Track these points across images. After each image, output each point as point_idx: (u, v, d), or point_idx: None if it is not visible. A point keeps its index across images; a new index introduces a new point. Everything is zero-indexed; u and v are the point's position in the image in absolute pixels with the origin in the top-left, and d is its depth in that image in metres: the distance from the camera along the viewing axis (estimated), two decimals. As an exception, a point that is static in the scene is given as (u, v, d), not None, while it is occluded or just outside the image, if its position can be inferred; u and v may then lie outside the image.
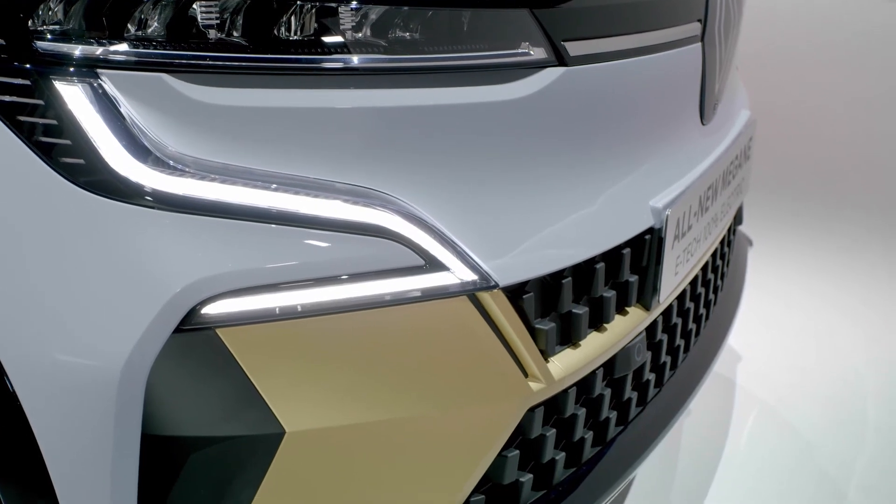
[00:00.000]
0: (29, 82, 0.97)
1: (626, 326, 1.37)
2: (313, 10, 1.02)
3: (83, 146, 0.97)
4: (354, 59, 1.04)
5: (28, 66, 0.98)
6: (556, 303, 1.24)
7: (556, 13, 1.17)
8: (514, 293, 1.16)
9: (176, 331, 0.97)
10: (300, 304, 1.01)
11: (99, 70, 0.99)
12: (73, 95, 0.98)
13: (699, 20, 1.54)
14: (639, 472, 1.85)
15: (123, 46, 0.99)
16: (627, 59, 1.32)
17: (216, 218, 0.99)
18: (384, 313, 1.05)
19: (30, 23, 0.98)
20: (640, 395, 1.54)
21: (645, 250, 1.37)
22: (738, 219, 2.10)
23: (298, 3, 1.01)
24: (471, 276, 1.09)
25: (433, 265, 1.07)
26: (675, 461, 2.14)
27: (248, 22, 1.01)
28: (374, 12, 1.04)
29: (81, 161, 0.97)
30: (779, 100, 4.38)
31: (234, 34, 1.01)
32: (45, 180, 0.97)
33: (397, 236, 1.05)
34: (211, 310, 0.98)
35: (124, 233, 0.98)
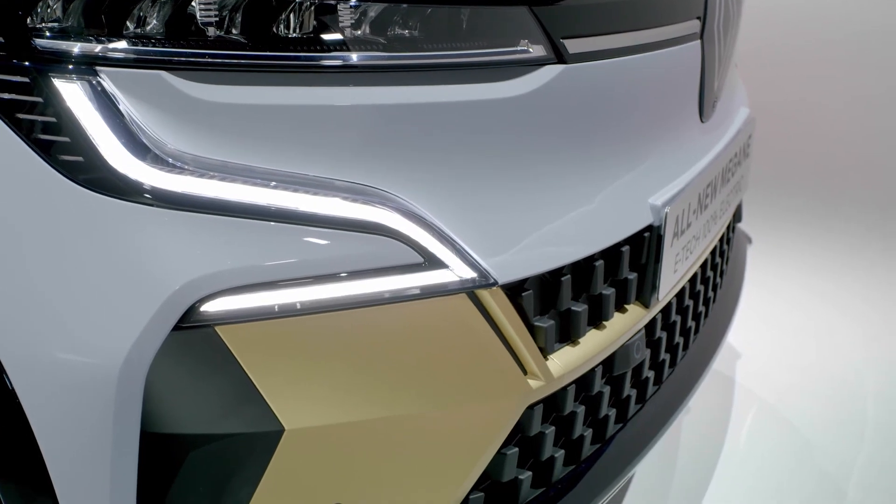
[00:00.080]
0: (28, 80, 0.97)
1: (626, 324, 1.37)
2: (312, 8, 1.02)
3: (82, 144, 0.97)
4: (353, 57, 1.04)
5: (27, 63, 0.98)
6: (555, 300, 1.24)
7: (555, 10, 1.17)
8: (514, 291, 1.16)
9: (175, 328, 0.97)
10: (299, 301, 1.01)
11: (98, 67, 0.99)
12: (72, 93, 0.98)
13: (698, 17, 1.54)
14: (638, 469, 1.85)
15: (122, 44, 0.99)
16: (627, 57, 1.32)
17: (215, 215, 0.99)
18: (383, 311, 1.05)
19: (28, 20, 0.98)
20: (640, 393, 1.54)
21: (644, 248, 1.37)
22: (737, 216, 2.09)
23: (297, 0, 1.01)
24: (470, 274, 1.09)
25: (432, 263, 1.07)
26: (675, 459, 2.14)
27: (247, 19, 1.01)
28: (373, 10, 1.04)
29: (80, 158, 0.97)
30: (778, 97, 4.38)
31: (233, 31, 1.01)
32: (43, 178, 0.97)
33: (396, 234, 1.05)
34: (210, 307, 0.98)
35: (123, 230, 0.98)
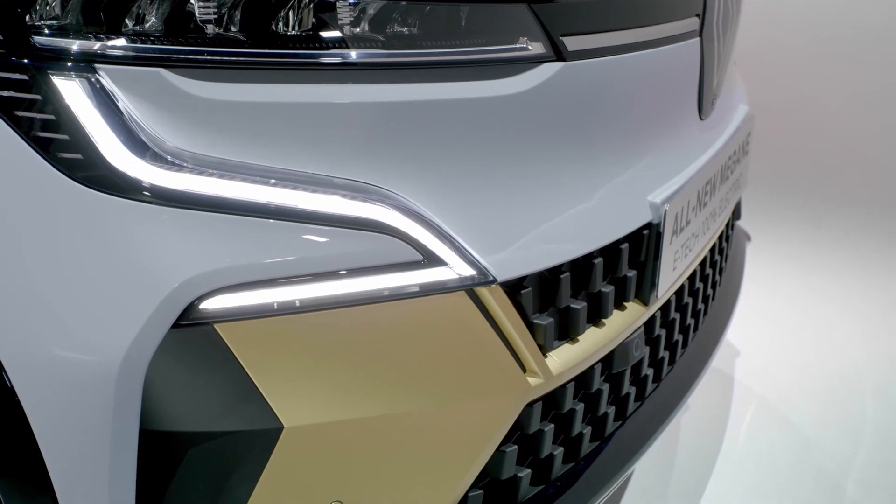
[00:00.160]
0: (26, 77, 0.97)
1: (625, 321, 1.37)
2: (311, 5, 1.02)
3: (81, 141, 0.97)
4: (352, 54, 1.04)
5: (25, 61, 0.97)
6: (554, 298, 1.24)
7: (555, 8, 1.17)
8: (513, 288, 1.16)
9: (174, 326, 0.97)
10: (298, 299, 1.01)
11: (96, 65, 0.98)
12: (71, 90, 0.97)
13: (697, 15, 1.54)
14: (637, 467, 1.85)
15: (121, 41, 0.99)
16: (626, 54, 1.32)
17: (214, 213, 0.99)
18: (382, 308, 1.05)
19: (27, 18, 0.98)
20: (639, 391, 1.54)
21: (643, 245, 1.37)
22: (736, 214, 2.10)
23: (296, -3, 1.01)
24: (469, 272, 1.09)
25: (431, 260, 1.07)
26: (674, 456, 2.14)
27: (246, 17, 1.01)
28: (371, 7, 1.04)
29: (79, 156, 0.97)
30: (777, 95, 4.37)
31: (232, 29, 1.01)
32: (42, 175, 0.97)
33: (395, 231, 1.05)
34: (209, 305, 0.98)
35: (122, 228, 0.98)
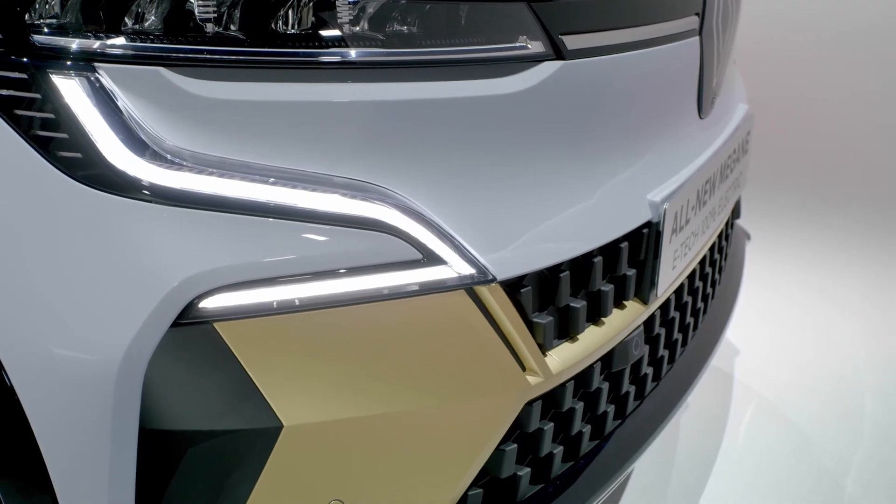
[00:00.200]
0: (26, 76, 0.97)
1: (624, 320, 1.37)
2: (310, 4, 1.02)
3: (80, 140, 0.97)
4: (352, 53, 1.04)
5: (25, 59, 0.97)
6: (553, 297, 1.24)
7: (554, 7, 1.17)
8: (512, 287, 1.16)
9: (173, 325, 0.97)
10: (298, 298, 1.01)
11: (96, 64, 0.98)
12: (70, 89, 0.97)
13: (697, 14, 1.54)
14: (636, 465, 1.85)
15: (120, 40, 0.99)
16: (625, 53, 1.32)
17: (214, 212, 0.99)
18: (382, 307, 1.05)
19: (27, 16, 0.98)
20: (638, 389, 1.54)
21: (643, 244, 1.37)
22: (735, 213, 2.10)
23: (295, -4, 1.01)
24: (468, 270, 1.09)
25: (431, 259, 1.07)
26: (673, 455, 2.15)
27: (246, 16, 1.01)
28: (371, 6, 1.04)
29: (79, 155, 0.97)
30: (777, 94, 4.38)
31: (232, 28, 1.01)
32: (42, 174, 0.97)
33: (395, 230, 1.05)
34: (208, 304, 0.98)
35: (122, 227, 0.98)
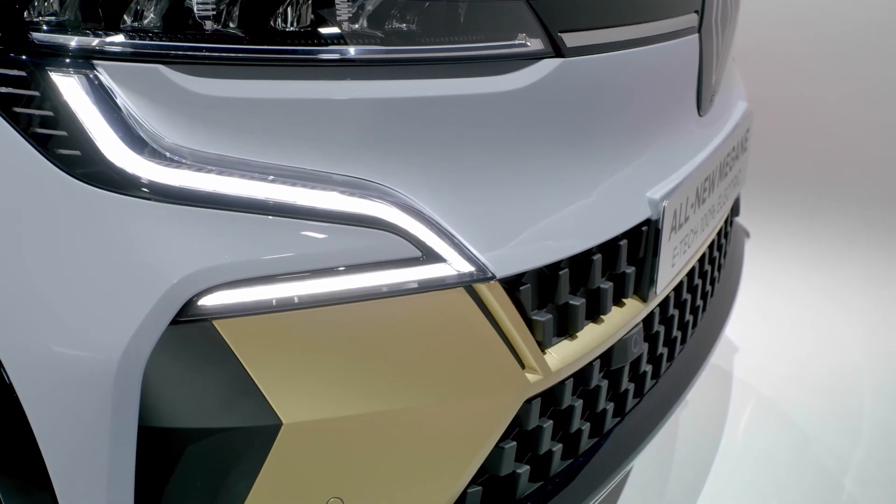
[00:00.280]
0: (25, 74, 0.97)
1: (623, 318, 1.37)
2: (309, 2, 1.02)
3: (79, 138, 0.97)
4: (351, 51, 1.04)
5: (24, 57, 0.97)
6: (553, 294, 1.24)
7: (553, 4, 1.17)
8: (512, 285, 1.16)
9: (172, 322, 0.97)
10: (297, 295, 1.01)
11: (95, 61, 0.98)
12: (70, 87, 0.97)
13: (696, 11, 1.54)
14: (635, 463, 1.85)
15: (120, 38, 0.99)
16: (624, 51, 1.32)
17: (213, 209, 0.99)
18: (381, 305, 1.05)
19: (26, 14, 0.98)
20: (637, 387, 1.54)
21: (642, 242, 1.37)
22: (735, 210, 2.10)
23: (294, -6, 1.01)
24: (468, 268, 1.09)
25: (430, 257, 1.07)
26: (672, 453, 2.15)
27: (245, 13, 1.01)
28: (370, 3, 1.04)
29: (78, 152, 0.97)
30: (776, 91, 4.38)
31: (231, 25, 1.01)
32: (41, 172, 0.97)
33: (394, 228, 1.05)
34: (207, 301, 0.98)
35: (121, 224, 0.98)
